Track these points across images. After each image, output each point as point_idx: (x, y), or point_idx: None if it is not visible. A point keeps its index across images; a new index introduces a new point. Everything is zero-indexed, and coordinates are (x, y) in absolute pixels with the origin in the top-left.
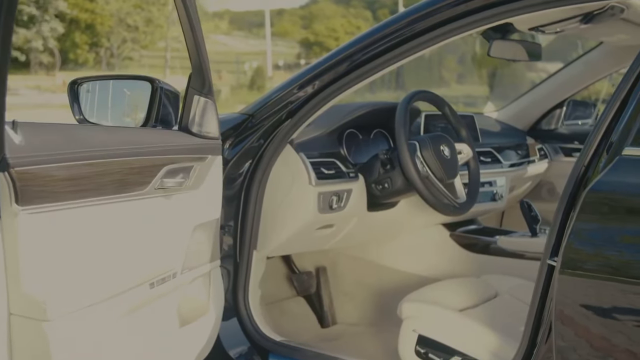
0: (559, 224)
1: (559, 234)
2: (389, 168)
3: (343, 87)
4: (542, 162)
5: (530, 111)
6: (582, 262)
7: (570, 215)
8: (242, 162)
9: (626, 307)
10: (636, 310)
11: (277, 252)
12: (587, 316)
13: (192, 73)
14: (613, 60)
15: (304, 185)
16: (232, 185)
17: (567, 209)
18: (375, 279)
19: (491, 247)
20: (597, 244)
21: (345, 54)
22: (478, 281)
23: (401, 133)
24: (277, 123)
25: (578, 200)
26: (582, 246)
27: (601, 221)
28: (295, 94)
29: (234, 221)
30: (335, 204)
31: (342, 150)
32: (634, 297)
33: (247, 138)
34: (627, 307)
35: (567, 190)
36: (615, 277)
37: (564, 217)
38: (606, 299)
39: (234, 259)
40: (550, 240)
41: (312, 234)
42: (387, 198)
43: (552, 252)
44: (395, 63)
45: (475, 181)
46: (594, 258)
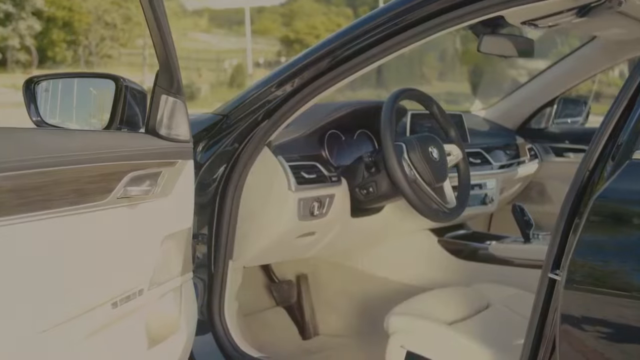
0: (561, 234)
1: (560, 244)
2: (373, 171)
3: (324, 85)
4: (532, 163)
5: (519, 110)
6: (591, 277)
7: (574, 224)
8: (216, 167)
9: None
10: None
11: (255, 261)
12: (596, 335)
13: (159, 70)
14: (607, 55)
15: (282, 190)
16: (206, 192)
17: (569, 218)
18: (360, 288)
19: (482, 253)
20: (608, 257)
21: (327, 50)
22: (469, 291)
23: (387, 134)
24: (254, 124)
25: (584, 208)
26: (591, 259)
27: (611, 232)
28: (273, 93)
29: (208, 230)
30: (316, 211)
31: (323, 152)
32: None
33: (221, 140)
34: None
35: (569, 197)
36: (628, 292)
37: (567, 226)
38: (618, 317)
39: (209, 270)
40: (551, 251)
41: (292, 242)
42: (372, 203)
43: (553, 264)
44: (380, 59)
45: (465, 184)
46: (604, 272)
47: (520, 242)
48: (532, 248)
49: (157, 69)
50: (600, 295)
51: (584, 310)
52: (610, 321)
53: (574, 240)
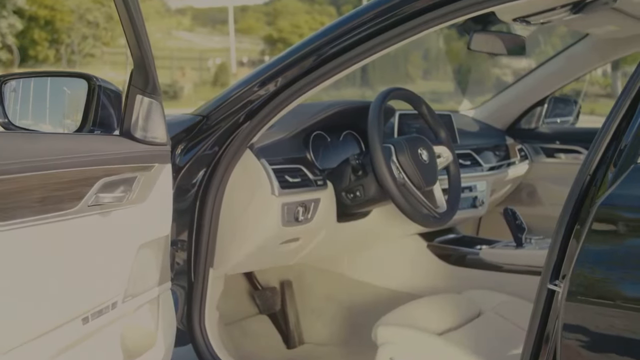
0: (560, 243)
1: (560, 253)
2: (360, 174)
3: (309, 84)
4: (522, 164)
5: (509, 109)
6: (596, 289)
7: (575, 231)
8: (196, 170)
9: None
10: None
11: (237, 269)
12: (601, 349)
13: (133, 69)
14: (599, 53)
15: (265, 195)
16: (185, 197)
17: (569, 225)
18: (346, 294)
19: (473, 258)
20: (613, 267)
21: (312, 48)
22: (459, 298)
23: (375, 135)
24: (236, 125)
25: (586, 215)
26: (595, 270)
27: (617, 240)
28: (256, 93)
29: (187, 236)
30: (301, 216)
31: (308, 154)
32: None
33: (201, 142)
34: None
35: (569, 203)
36: (635, 305)
37: (566, 234)
38: (625, 330)
39: (188, 279)
40: (550, 260)
41: (276, 249)
42: (359, 207)
43: (552, 273)
44: (367, 58)
45: (456, 188)
46: (610, 283)
47: (512, 247)
48: (525, 253)
49: None
50: (605, 308)
51: (588, 324)
52: (616, 335)
53: (575, 248)
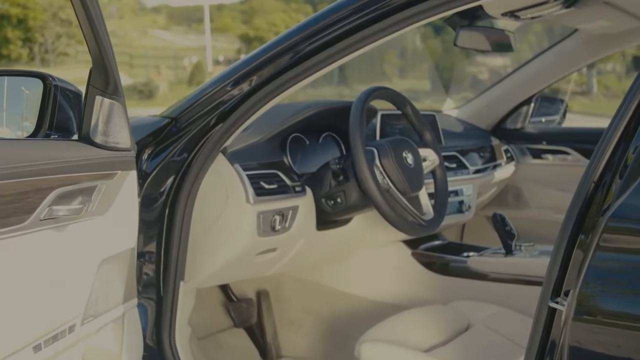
0: (562, 255)
1: (562, 267)
2: (342, 180)
3: (286, 83)
4: (508, 165)
5: (494, 108)
6: (608, 307)
7: (580, 243)
8: (164, 177)
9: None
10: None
11: (210, 282)
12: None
13: (92, 67)
14: (588, 50)
15: (240, 203)
16: (153, 206)
17: (572, 236)
18: (326, 305)
19: (460, 267)
20: (627, 285)
21: (288, 44)
22: (446, 310)
23: (357, 137)
24: (207, 128)
25: (593, 226)
26: (607, 287)
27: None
28: (229, 93)
29: (156, 248)
30: (278, 225)
31: (285, 159)
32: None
33: (169, 147)
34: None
35: (571, 213)
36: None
37: (569, 246)
38: None
39: (157, 293)
40: (550, 275)
41: (251, 260)
42: (340, 215)
43: (554, 289)
44: (349, 54)
45: (443, 193)
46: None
47: (501, 254)
48: (515, 261)
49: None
50: (620, 330)
51: (599, 347)
52: None
53: (581, 261)
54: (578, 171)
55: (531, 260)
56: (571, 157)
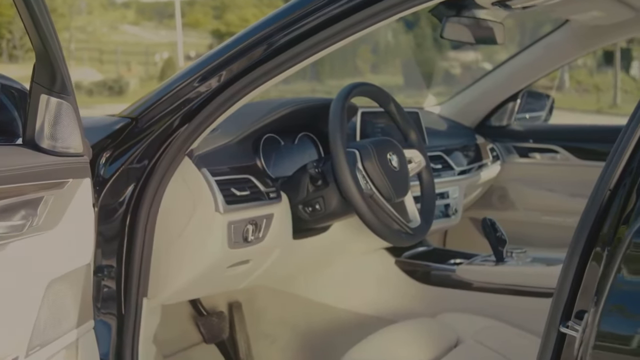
0: (574, 272)
1: (574, 286)
2: (320, 185)
3: (259, 79)
4: (494, 165)
5: (479, 105)
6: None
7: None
8: (124, 184)
9: None
10: None
11: (176, 298)
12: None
13: (35, 62)
14: (579, 42)
15: (208, 212)
16: (111, 216)
17: (585, 250)
18: (303, 318)
19: (447, 276)
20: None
21: (262, 35)
22: (434, 323)
23: (337, 138)
24: (171, 129)
25: (616, 242)
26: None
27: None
28: (195, 89)
29: (116, 262)
30: (251, 235)
31: (258, 162)
32: None
33: (130, 150)
34: None
35: (584, 224)
36: None
37: (582, 261)
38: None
39: (118, 311)
40: (560, 294)
41: (221, 274)
42: (318, 222)
43: (564, 312)
44: (329, 46)
45: (429, 198)
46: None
47: (491, 262)
48: (507, 270)
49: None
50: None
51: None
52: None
53: (602, 281)
54: (568, 171)
55: (524, 269)
56: (560, 156)
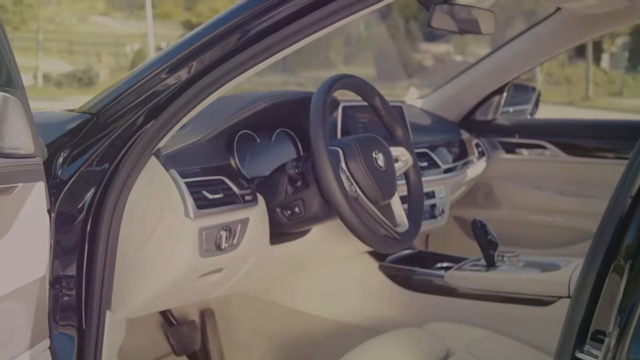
0: (591, 290)
1: (590, 305)
2: (300, 186)
3: (234, 70)
4: (480, 162)
5: (463, 98)
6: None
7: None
8: (84, 187)
9: None
10: None
11: (142, 311)
12: None
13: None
14: (570, 32)
15: (177, 218)
16: (70, 224)
17: (605, 263)
18: (281, 327)
19: (435, 282)
20: None
21: (237, 21)
22: (422, 334)
23: (319, 135)
24: (136, 125)
25: None
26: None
27: None
28: (163, 82)
29: (76, 272)
30: (225, 242)
31: (232, 161)
32: None
33: (90, 149)
34: None
35: (603, 235)
36: None
37: (600, 275)
38: None
39: (78, 325)
40: (574, 314)
41: (192, 284)
42: (297, 227)
43: (578, 334)
44: (312, 34)
45: (417, 199)
46: None
47: (482, 266)
48: (499, 276)
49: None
50: None
51: None
52: None
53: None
54: (557, 167)
55: (518, 276)
56: (549, 152)
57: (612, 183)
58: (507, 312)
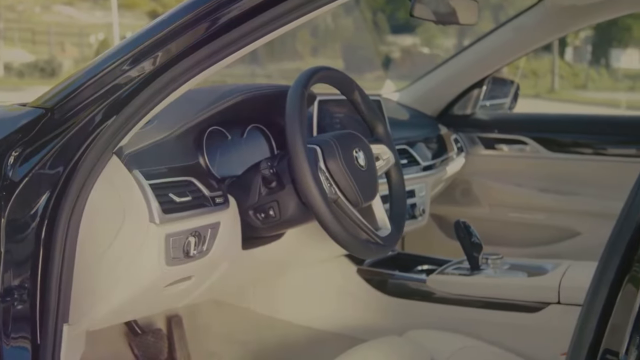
0: (604, 301)
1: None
2: (274, 187)
3: (203, 61)
4: (459, 158)
5: (441, 92)
6: None
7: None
8: (38, 189)
9: None
10: None
11: (103, 323)
12: None
13: None
14: (552, 24)
15: (141, 223)
16: (23, 231)
17: (617, 277)
18: (254, 334)
19: (417, 287)
20: None
21: (207, 7)
22: (403, 342)
23: (296, 132)
24: (96, 122)
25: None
26: None
27: None
28: (126, 74)
29: (30, 283)
30: (194, 249)
31: (201, 159)
32: None
33: (45, 148)
34: None
35: (616, 244)
36: None
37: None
38: None
39: (33, 339)
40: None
41: (158, 294)
42: (272, 230)
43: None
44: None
45: (400, 200)
46: None
47: (465, 269)
48: (484, 281)
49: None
50: None
51: None
52: None
53: None
54: (537, 164)
55: (504, 280)
56: (529, 148)
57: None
58: (493, 319)
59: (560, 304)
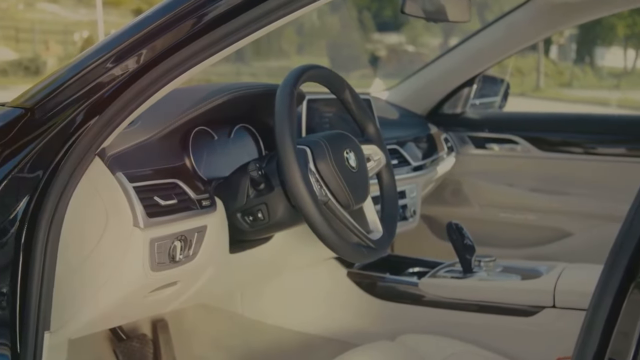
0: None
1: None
2: (263, 189)
3: (190, 59)
4: (450, 157)
5: (431, 91)
6: None
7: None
8: (17, 193)
9: None
10: None
11: (86, 330)
12: None
13: None
14: (544, 22)
15: (125, 228)
16: (1, 238)
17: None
18: (241, 339)
19: (409, 290)
20: None
21: (190, 5)
22: (395, 348)
23: (285, 133)
24: (78, 122)
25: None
26: None
27: None
28: (109, 72)
29: (9, 289)
30: (179, 254)
31: (187, 161)
32: None
33: (24, 150)
34: None
35: (622, 249)
36: None
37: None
38: None
39: (12, 347)
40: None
41: (142, 300)
42: (260, 234)
43: None
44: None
45: (391, 202)
46: None
47: (458, 272)
48: (477, 284)
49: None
50: None
51: None
52: None
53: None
54: (528, 163)
55: (498, 284)
56: (520, 147)
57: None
58: (487, 322)
59: (555, 307)
